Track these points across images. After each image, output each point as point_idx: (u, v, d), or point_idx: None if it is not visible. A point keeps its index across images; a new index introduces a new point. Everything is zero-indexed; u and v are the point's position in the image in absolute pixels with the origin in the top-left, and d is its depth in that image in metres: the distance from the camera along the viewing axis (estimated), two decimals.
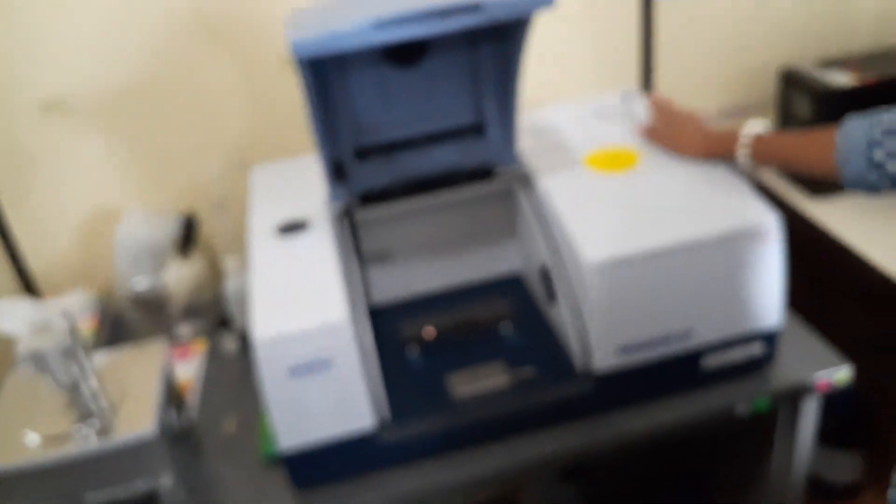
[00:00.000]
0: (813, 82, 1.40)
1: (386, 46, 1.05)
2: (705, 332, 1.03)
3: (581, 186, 1.09)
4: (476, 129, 1.16)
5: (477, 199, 1.19)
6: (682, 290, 1.00)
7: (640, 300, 0.99)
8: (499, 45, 1.07)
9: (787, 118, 1.50)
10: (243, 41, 1.34)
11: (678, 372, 1.05)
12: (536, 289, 1.17)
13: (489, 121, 1.15)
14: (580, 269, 0.98)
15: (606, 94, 1.34)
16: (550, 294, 1.09)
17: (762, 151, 1.02)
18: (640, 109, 1.24)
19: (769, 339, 1.06)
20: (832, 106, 1.38)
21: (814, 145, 0.95)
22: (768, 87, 1.56)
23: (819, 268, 1.01)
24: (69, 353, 0.93)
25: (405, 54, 1.07)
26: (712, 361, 1.05)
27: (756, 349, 1.06)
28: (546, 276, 1.09)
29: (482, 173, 1.16)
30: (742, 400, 1.05)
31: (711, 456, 1.46)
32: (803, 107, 1.43)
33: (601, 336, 1.00)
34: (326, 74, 1.05)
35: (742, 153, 1.03)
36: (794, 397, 1.09)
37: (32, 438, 0.94)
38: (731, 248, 0.98)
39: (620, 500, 1.69)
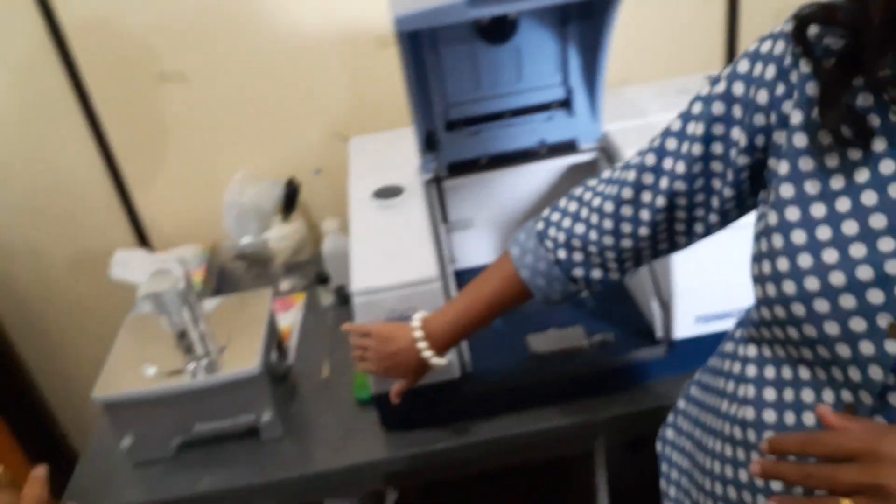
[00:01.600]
0: None
1: (479, 22, 1.11)
2: None
3: None
4: (562, 105, 1.21)
5: (561, 173, 1.24)
6: (756, 261, 1.03)
7: (722, 271, 1.02)
8: (588, 22, 1.11)
9: None
10: (343, 23, 1.43)
11: None
12: None
13: (575, 97, 1.20)
14: None
15: (691, 76, 1.37)
16: None
17: (438, 330, 0.87)
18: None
19: None
20: None
21: (494, 286, 0.84)
22: None
23: None
24: (183, 296, 1.04)
25: (496, 31, 1.13)
26: None
27: None
28: None
29: (567, 147, 1.21)
30: None
31: None
32: None
33: (680, 305, 1.04)
34: (422, 50, 1.12)
35: (422, 347, 0.88)
36: None
37: (150, 371, 1.06)
38: None
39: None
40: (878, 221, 0.54)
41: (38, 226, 1.56)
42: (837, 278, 0.55)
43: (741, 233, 0.99)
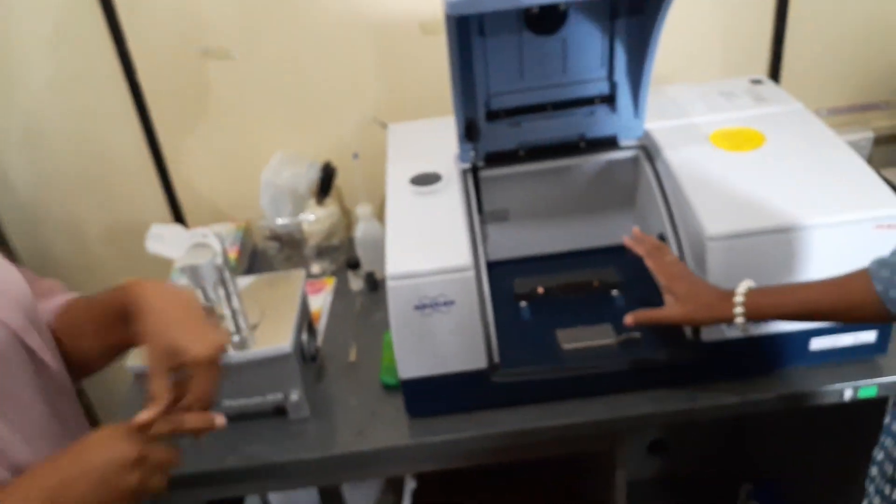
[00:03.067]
0: None
1: (529, 11, 1.10)
2: None
3: (705, 162, 1.11)
4: (606, 100, 1.20)
5: (599, 168, 1.23)
6: (797, 270, 1.01)
7: (754, 276, 1.01)
8: (637, 17, 1.10)
9: None
10: (388, 8, 1.43)
11: (786, 350, 1.07)
12: None
13: (619, 92, 1.19)
14: (700, 239, 1.01)
15: (734, 79, 1.35)
16: None
17: (758, 304, 0.92)
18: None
19: (883, 328, 1.06)
20: None
21: (838, 291, 0.86)
22: None
23: None
24: (220, 271, 1.05)
25: (545, 21, 1.12)
26: (822, 344, 1.06)
27: (869, 337, 1.06)
28: None
29: (607, 143, 1.20)
30: (849, 386, 1.06)
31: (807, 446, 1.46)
32: None
33: None
34: (469, 37, 1.12)
35: (738, 311, 0.93)
36: None
37: None
38: (852, 234, 0.99)
39: (697, 481, 1.72)
40: None
41: (78, 195, 1.59)
42: None
43: (776, 236, 0.99)
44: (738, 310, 0.92)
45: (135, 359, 1.05)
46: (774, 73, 1.55)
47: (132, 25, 1.41)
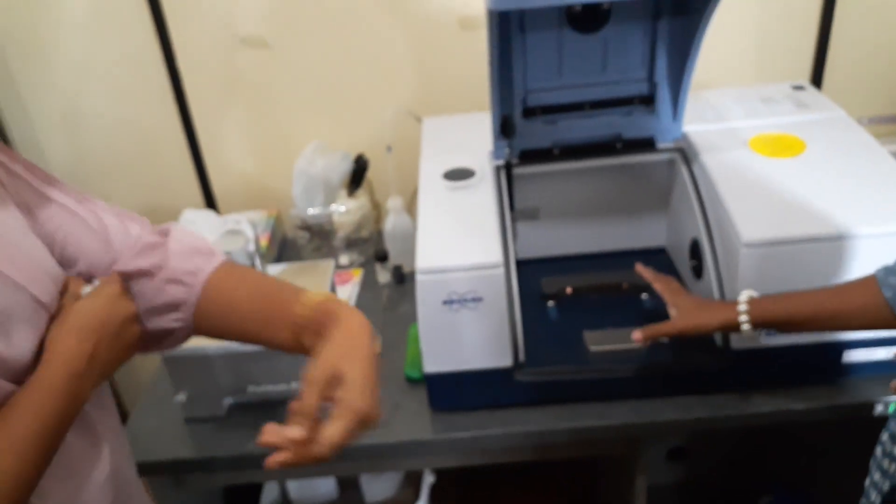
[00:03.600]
0: None
1: (571, 9, 1.09)
2: None
3: (743, 167, 1.09)
4: (645, 101, 1.19)
5: (634, 170, 1.22)
6: (833, 280, 0.99)
7: (789, 284, 0.99)
8: (681, 18, 1.09)
9: None
10: (427, 2, 1.42)
11: (817, 362, 1.05)
12: (682, 264, 1.20)
13: (659, 94, 1.17)
14: (734, 245, 1.00)
15: (775, 84, 1.33)
16: (697, 268, 1.12)
17: (762, 309, 0.92)
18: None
19: None
20: None
21: (845, 298, 0.86)
22: None
23: None
24: (252, 257, 1.06)
25: (587, 19, 1.11)
26: (855, 357, 1.04)
27: None
28: (696, 251, 1.11)
29: (644, 144, 1.19)
30: (881, 400, 1.04)
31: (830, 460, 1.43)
32: None
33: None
34: (510, 33, 1.11)
35: (742, 318, 0.92)
36: None
37: None
38: (892, 246, 0.97)
39: (716, 490, 1.70)
40: None
41: (115, 177, 1.61)
42: None
43: (812, 245, 0.97)
44: (743, 317, 0.92)
45: None
46: (817, 79, 1.52)
47: (174, 10, 1.42)
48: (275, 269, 1.20)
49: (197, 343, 1.05)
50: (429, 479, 1.30)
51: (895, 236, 0.97)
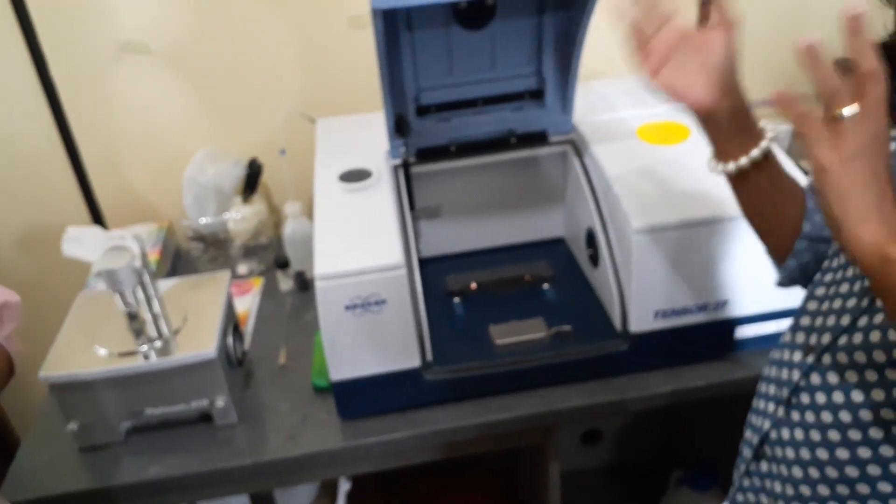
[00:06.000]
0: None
1: (457, 6, 1.09)
2: (743, 304, 1.07)
3: (632, 155, 1.13)
4: (535, 96, 1.20)
5: (529, 164, 1.23)
6: (724, 261, 1.04)
7: (681, 268, 1.03)
8: (564, 13, 1.11)
9: None
10: (315, 1, 1.40)
11: (713, 339, 1.09)
12: (580, 253, 1.22)
13: (548, 88, 1.19)
14: (626, 233, 1.02)
15: None
16: (594, 257, 1.14)
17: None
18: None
19: None
20: None
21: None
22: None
23: None
24: (138, 274, 1.01)
25: (473, 16, 1.11)
26: (747, 332, 1.09)
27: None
28: (591, 240, 1.14)
29: (537, 138, 1.20)
30: None
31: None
32: None
33: (640, 299, 1.04)
34: (397, 31, 1.10)
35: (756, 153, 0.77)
36: None
37: (101, 351, 1.02)
38: None
39: (630, 470, 1.76)
40: None
41: None
42: None
43: (700, 228, 1.01)
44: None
45: (48, 369, 1.00)
46: None
47: (43, 17, 1.34)
48: (167, 284, 1.14)
49: (81, 368, 1.00)
50: (345, 487, 1.28)
51: None
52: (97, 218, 1.54)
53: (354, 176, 1.14)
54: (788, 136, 1.62)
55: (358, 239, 1.03)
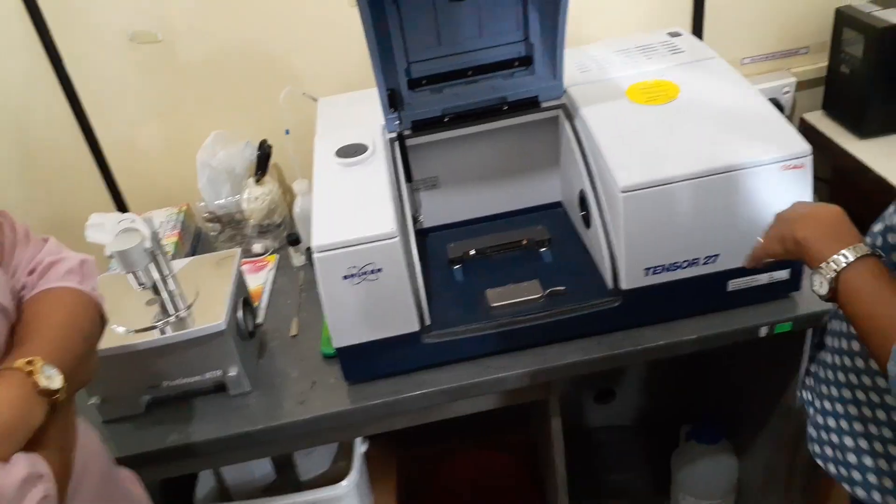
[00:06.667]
0: (869, 18, 1.40)
1: None
2: (734, 258, 1.08)
3: (621, 117, 1.14)
4: (524, 63, 1.22)
5: (523, 130, 1.26)
6: (711, 216, 1.05)
7: (670, 225, 1.05)
8: None
9: (840, 59, 1.50)
10: None
11: (704, 293, 1.11)
12: (575, 215, 1.25)
13: (537, 54, 1.21)
14: (614, 193, 1.05)
15: (652, 33, 1.38)
16: (586, 218, 1.17)
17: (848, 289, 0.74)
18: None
19: (796, 265, 1.11)
20: (886, 43, 1.38)
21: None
22: (825, 30, 1.54)
23: (862, 204, 1.04)
24: (151, 254, 1.06)
25: None
26: (738, 285, 1.11)
27: (782, 275, 1.11)
28: (584, 202, 1.16)
29: (529, 104, 1.22)
30: (765, 323, 1.11)
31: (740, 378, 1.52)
32: (857, 46, 1.43)
33: (630, 257, 1.06)
34: (383, 6, 1.13)
35: (818, 281, 0.75)
36: (817, 321, 1.13)
37: (119, 329, 1.09)
38: (761, 177, 1.03)
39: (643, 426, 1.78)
40: None
41: (16, 190, 1.58)
42: None
43: (681, 185, 1.02)
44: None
45: None
46: (698, 25, 1.57)
47: (56, 16, 1.40)
48: (181, 264, 1.21)
49: (103, 344, 1.06)
50: (361, 449, 1.34)
51: (764, 167, 1.02)
52: (121, 205, 1.62)
53: (351, 151, 1.18)
54: (793, 89, 1.61)
55: (354, 211, 1.07)
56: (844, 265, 0.73)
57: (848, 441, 0.85)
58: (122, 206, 1.62)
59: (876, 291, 0.71)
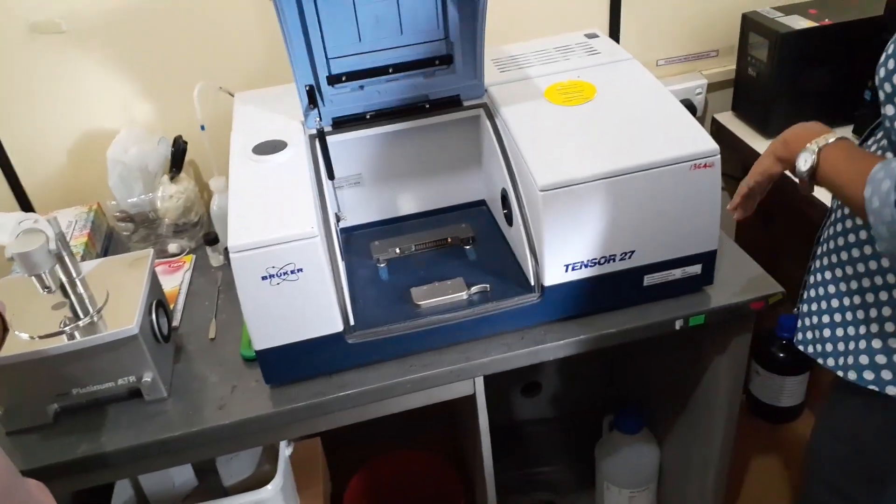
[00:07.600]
0: (773, 24, 1.47)
1: None
2: (648, 254, 1.12)
3: (539, 117, 1.16)
4: (444, 61, 1.22)
5: (446, 129, 1.26)
6: (626, 213, 1.08)
7: (588, 222, 1.07)
8: None
9: (747, 62, 1.56)
10: None
11: (622, 288, 1.14)
12: (498, 213, 1.26)
13: (457, 53, 1.21)
14: (534, 192, 1.06)
15: (570, 34, 1.41)
16: (509, 216, 1.18)
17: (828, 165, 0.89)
18: None
19: (707, 261, 1.15)
20: (789, 48, 1.44)
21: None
22: (733, 34, 1.60)
23: (769, 199, 1.09)
24: (56, 256, 1.01)
25: None
26: (654, 280, 1.14)
27: (695, 270, 1.15)
28: (506, 200, 1.17)
29: (451, 103, 1.23)
30: (680, 316, 1.15)
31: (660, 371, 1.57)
32: (762, 50, 1.49)
33: (550, 254, 1.08)
34: (301, 3, 1.11)
35: (804, 158, 0.90)
36: (729, 314, 1.18)
37: (23, 335, 1.03)
38: (671, 175, 1.06)
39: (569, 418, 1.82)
40: None
41: None
42: None
43: (602, 183, 1.05)
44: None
45: None
46: (615, 28, 1.61)
47: None
48: (90, 265, 1.15)
49: (4, 352, 1.00)
50: (286, 452, 1.31)
51: (674, 165, 1.06)
52: (25, 205, 1.54)
53: (269, 148, 1.15)
54: (704, 90, 1.67)
55: (272, 209, 1.04)
56: (825, 144, 0.89)
57: (847, 331, 0.96)
58: (26, 206, 1.54)
59: (851, 157, 0.87)
